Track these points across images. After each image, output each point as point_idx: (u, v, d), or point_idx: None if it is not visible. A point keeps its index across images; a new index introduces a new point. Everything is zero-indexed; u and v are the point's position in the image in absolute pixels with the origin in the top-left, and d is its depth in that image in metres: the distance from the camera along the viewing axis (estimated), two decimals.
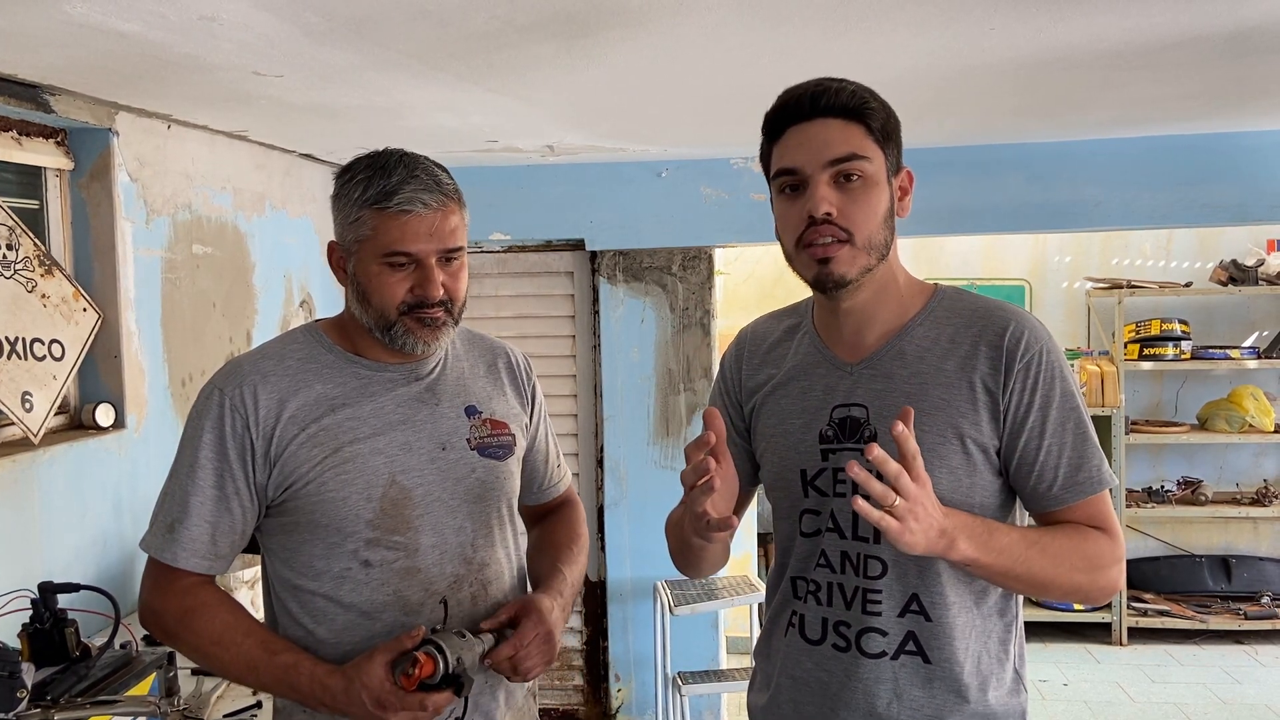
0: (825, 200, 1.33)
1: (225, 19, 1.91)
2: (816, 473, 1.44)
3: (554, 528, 1.80)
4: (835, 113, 1.34)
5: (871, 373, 1.43)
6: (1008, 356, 1.37)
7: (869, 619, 1.40)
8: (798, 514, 1.47)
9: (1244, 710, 4.35)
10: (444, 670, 1.38)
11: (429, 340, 1.55)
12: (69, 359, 2.53)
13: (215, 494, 1.51)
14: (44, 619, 1.97)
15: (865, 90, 1.38)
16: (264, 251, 3.42)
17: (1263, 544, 5.42)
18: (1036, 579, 1.34)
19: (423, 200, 1.50)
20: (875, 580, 1.40)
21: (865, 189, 1.35)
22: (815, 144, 1.34)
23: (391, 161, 1.52)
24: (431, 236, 1.51)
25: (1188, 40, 2.30)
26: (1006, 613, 1.44)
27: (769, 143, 1.41)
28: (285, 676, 1.46)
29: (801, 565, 1.47)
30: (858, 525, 1.41)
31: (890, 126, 1.38)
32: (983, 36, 2.21)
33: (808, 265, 1.38)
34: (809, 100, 1.35)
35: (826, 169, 1.34)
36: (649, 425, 4.17)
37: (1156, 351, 5.12)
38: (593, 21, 2.01)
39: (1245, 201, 3.80)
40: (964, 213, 3.91)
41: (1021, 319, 1.41)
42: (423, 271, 1.51)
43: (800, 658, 1.47)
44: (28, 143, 2.50)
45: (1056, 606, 5.11)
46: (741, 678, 3.85)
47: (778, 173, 1.38)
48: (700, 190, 4.05)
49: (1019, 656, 1.46)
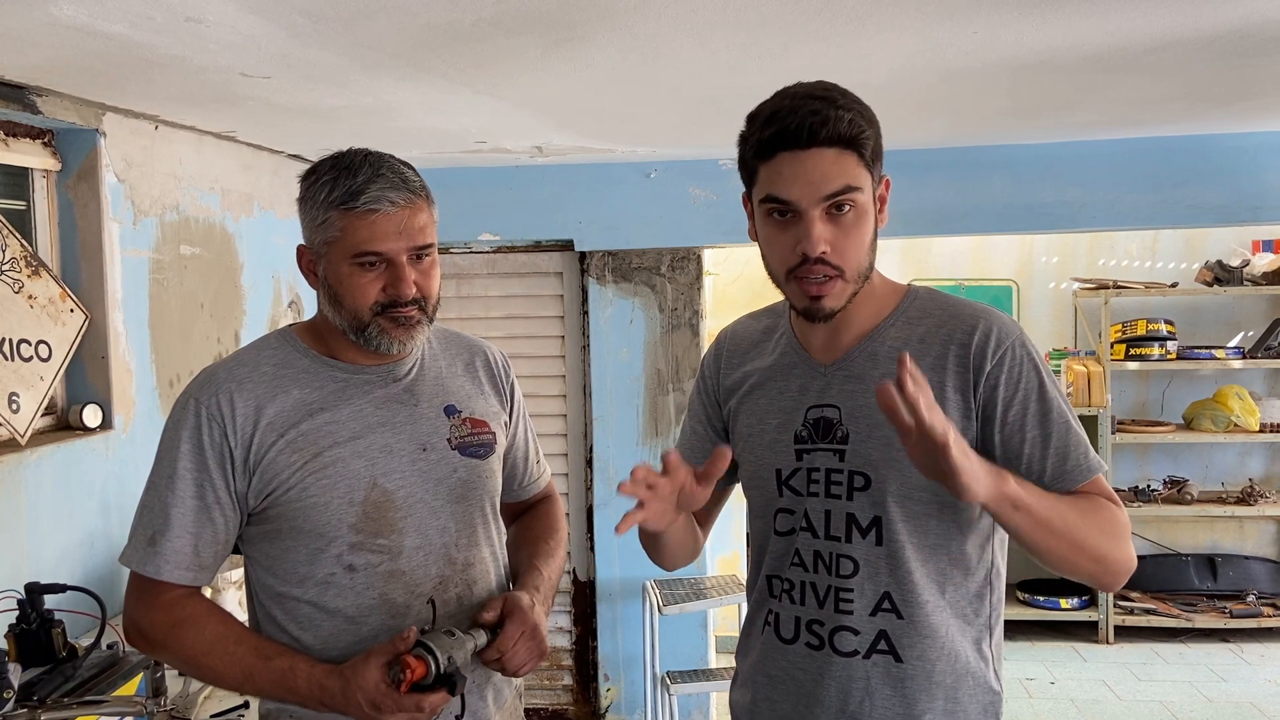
0: (821, 240, 1.32)
1: (212, 20, 1.91)
2: (791, 472, 1.45)
3: (530, 522, 1.80)
4: (832, 143, 1.30)
5: (844, 374, 1.44)
6: (976, 356, 1.38)
7: (841, 618, 1.41)
8: (772, 513, 1.48)
9: (1230, 708, 4.38)
10: (436, 671, 1.38)
11: (404, 339, 1.53)
12: (56, 360, 2.53)
13: (196, 504, 1.49)
14: (31, 619, 1.97)
15: (861, 114, 1.33)
16: (252, 252, 3.42)
17: (1248, 543, 5.46)
18: (1073, 536, 1.30)
19: (390, 199, 1.47)
20: (847, 579, 1.41)
21: (856, 220, 1.34)
22: (812, 177, 1.31)
23: (356, 161, 1.50)
24: (401, 234, 1.48)
25: (1171, 43, 2.31)
26: (981, 612, 1.44)
27: (755, 159, 1.36)
28: (283, 680, 1.46)
29: (776, 564, 1.48)
30: (830, 524, 1.42)
31: (879, 146, 1.37)
32: (966, 39, 2.22)
33: (799, 297, 1.38)
34: (806, 131, 1.30)
35: (821, 203, 1.32)
36: (638, 425, 4.18)
37: (1143, 351, 5.14)
38: (580, 23, 2.02)
39: (1230, 202, 3.83)
40: (951, 214, 3.92)
41: (990, 318, 1.41)
42: (394, 270, 1.49)
43: (775, 656, 1.48)
44: (14, 143, 2.50)
45: (1044, 604, 5.14)
46: (730, 677, 3.86)
47: (769, 198, 1.35)
48: (689, 191, 4.06)
49: (995, 656, 1.46)
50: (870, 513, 1.40)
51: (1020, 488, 1.25)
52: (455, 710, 1.55)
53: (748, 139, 1.38)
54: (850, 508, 1.41)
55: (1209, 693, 4.53)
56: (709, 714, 4.24)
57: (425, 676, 1.37)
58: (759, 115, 1.37)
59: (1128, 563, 1.36)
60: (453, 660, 1.40)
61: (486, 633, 1.49)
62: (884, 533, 1.40)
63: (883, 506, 1.39)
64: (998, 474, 1.23)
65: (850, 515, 1.41)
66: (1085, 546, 1.32)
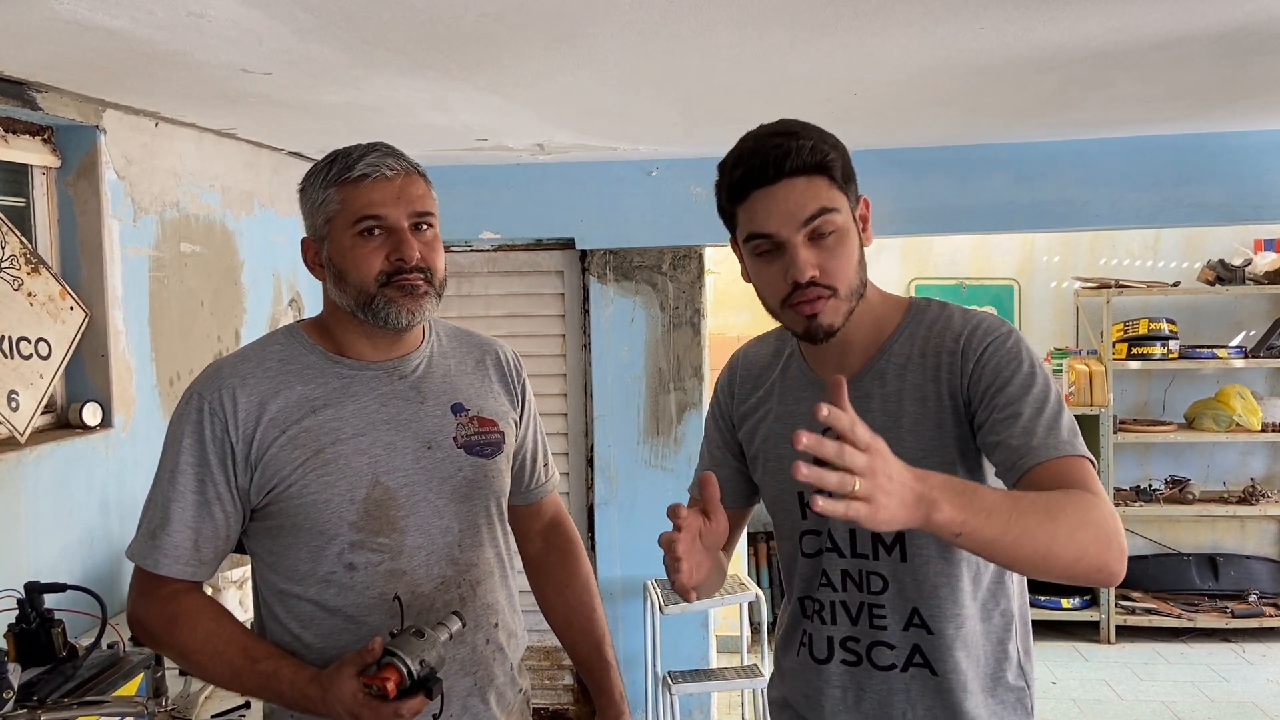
0: (808, 265, 1.34)
1: (214, 15, 1.90)
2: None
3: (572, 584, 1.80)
4: (798, 171, 1.34)
5: (854, 394, 1.43)
6: (963, 354, 1.39)
7: (876, 633, 1.44)
8: (798, 535, 1.50)
9: (1231, 708, 4.37)
10: (409, 676, 1.37)
11: (413, 309, 1.51)
12: (56, 357, 2.52)
13: (197, 499, 1.49)
14: (30, 619, 1.96)
15: (822, 140, 1.36)
16: (252, 250, 3.40)
17: (1250, 542, 5.45)
18: (1038, 543, 1.16)
19: (386, 164, 1.50)
20: (878, 595, 1.43)
21: (839, 241, 1.36)
22: (786, 207, 1.34)
23: (351, 147, 1.53)
24: (400, 200, 1.49)
25: (1175, 41, 2.31)
26: (1008, 613, 1.46)
27: (731, 204, 1.41)
28: (268, 684, 1.46)
29: (806, 585, 1.50)
30: (856, 543, 1.44)
31: (849, 168, 1.40)
32: (972, 37, 2.21)
33: (796, 321, 1.40)
34: (772, 166, 1.34)
35: (801, 229, 1.34)
36: (639, 424, 4.17)
37: (1144, 351, 5.14)
38: (583, 20, 2.01)
39: (1232, 201, 3.82)
40: (952, 212, 3.91)
41: (978, 319, 1.42)
42: (397, 236, 1.50)
43: (810, 677, 1.50)
44: (14, 140, 2.49)
45: (1046, 604, 5.14)
46: (731, 676, 3.86)
47: (750, 236, 1.38)
48: (690, 189, 4.05)
49: (1023, 651, 1.48)
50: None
51: (959, 508, 1.11)
52: (434, 709, 1.53)
53: (721, 187, 1.42)
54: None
55: (1211, 693, 4.53)
56: (710, 714, 4.24)
57: (401, 683, 1.36)
58: (726, 163, 1.41)
59: (1116, 553, 1.22)
60: (425, 663, 1.38)
61: (458, 618, 1.46)
62: (908, 548, 1.41)
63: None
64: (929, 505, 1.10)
65: (875, 533, 1.42)
66: (1057, 550, 1.18)
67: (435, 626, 1.43)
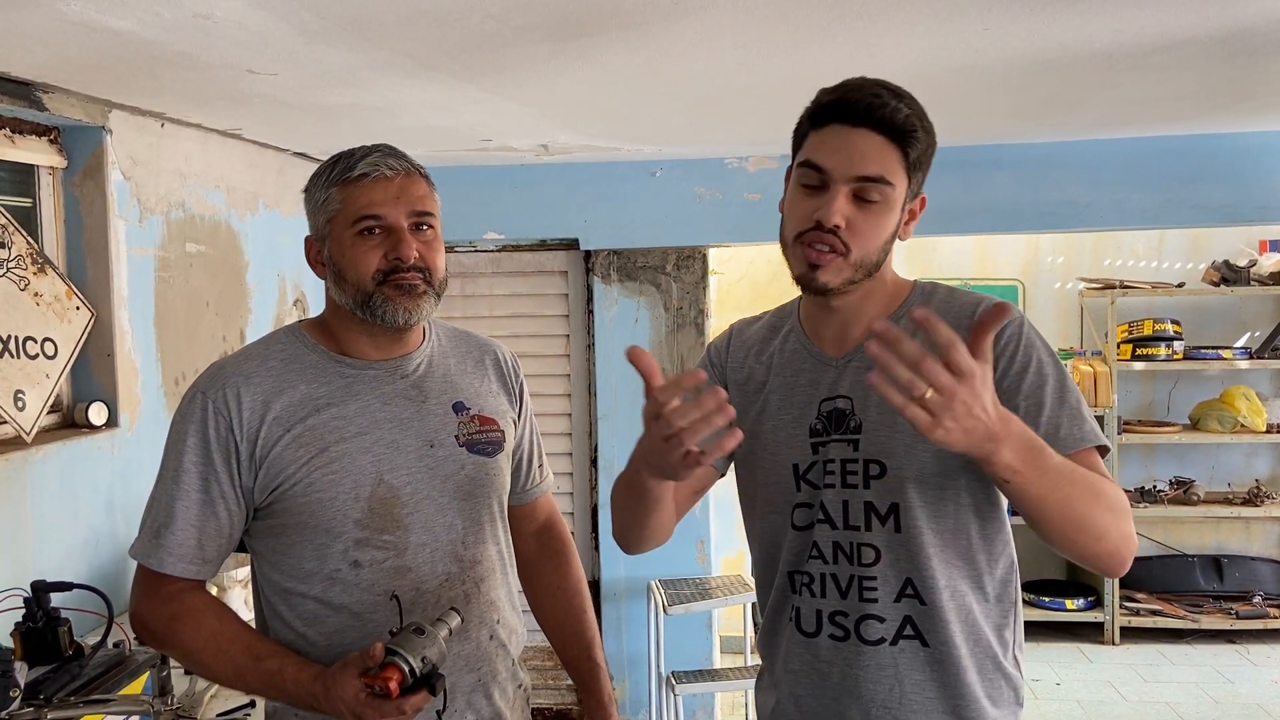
0: (839, 213, 1.34)
1: (220, 17, 1.91)
2: (808, 466, 1.46)
3: (565, 586, 1.83)
4: (883, 129, 1.34)
5: (856, 365, 1.45)
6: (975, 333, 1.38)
7: (866, 606, 1.42)
8: (790, 508, 1.48)
9: (1236, 709, 4.37)
10: (411, 674, 1.38)
11: (410, 308, 1.52)
12: (62, 357, 2.53)
13: (200, 498, 1.50)
14: (37, 618, 1.97)
15: (919, 115, 1.37)
16: (257, 250, 3.41)
17: (1254, 544, 5.44)
18: (1075, 513, 1.24)
19: (387, 164, 1.51)
20: (870, 567, 1.41)
21: (879, 212, 1.36)
22: (851, 153, 1.34)
23: (355, 148, 1.55)
24: (399, 200, 1.51)
25: (1179, 42, 2.30)
26: (1004, 598, 1.45)
27: (810, 123, 1.40)
28: (272, 682, 1.47)
29: (795, 559, 1.48)
30: (848, 515, 1.43)
31: (926, 156, 1.39)
32: (976, 37, 2.21)
33: (798, 261, 1.40)
34: (863, 108, 1.34)
35: (851, 182, 1.35)
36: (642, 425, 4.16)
37: (1149, 352, 5.13)
38: (589, 22, 2.02)
39: (1236, 202, 3.82)
40: (956, 213, 3.91)
41: (990, 301, 1.40)
42: (395, 235, 1.51)
43: (798, 651, 1.48)
44: (21, 140, 2.50)
45: (1050, 605, 5.14)
46: (735, 677, 3.86)
47: (806, 162, 1.39)
48: (694, 190, 4.05)
49: (1015, 642, 1.47)
50: (888, 500, 1.40)
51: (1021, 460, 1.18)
52: (437, 705, 1.54)
53: (809, 108, 1.42)
54: (867, 496, 1.41)
55: (1215, 694, 4.52)
56: (714, 714, 4.24)
57: (403, 682, 1.37)
58: (827, 88, 1.41)
59: (1128, 541, 1.31)
60: (426, 660, 1.39)
61: (457, 613, 1.47)
62: (902, 519, 1.40)
63: (899, 493, 1.40)
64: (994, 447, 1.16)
65: (868, 504, 1.41)
66: (1086, 524, 1.26)
67: (435, 623, 1.44)
